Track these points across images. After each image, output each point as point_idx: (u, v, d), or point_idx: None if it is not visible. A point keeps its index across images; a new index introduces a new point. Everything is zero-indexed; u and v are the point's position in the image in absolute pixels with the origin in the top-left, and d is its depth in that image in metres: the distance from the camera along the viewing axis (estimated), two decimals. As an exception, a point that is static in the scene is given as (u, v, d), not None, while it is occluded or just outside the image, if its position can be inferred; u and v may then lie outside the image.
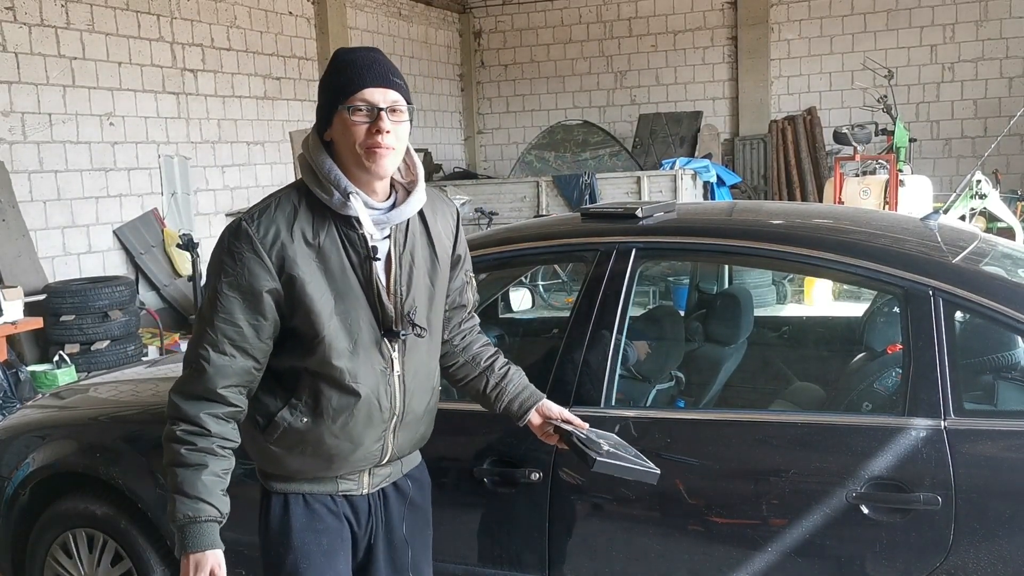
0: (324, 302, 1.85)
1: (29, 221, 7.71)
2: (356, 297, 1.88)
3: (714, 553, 2.30)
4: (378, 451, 1.98)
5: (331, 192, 1.84)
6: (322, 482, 1.99)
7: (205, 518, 1.82)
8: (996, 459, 2.13)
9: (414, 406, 2.01)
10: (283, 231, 1.83)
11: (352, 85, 1.81)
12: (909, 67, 11.98)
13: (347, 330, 1.87)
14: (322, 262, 1.85)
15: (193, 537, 1.81)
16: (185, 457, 1.82)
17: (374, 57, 1.86)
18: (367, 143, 1.80)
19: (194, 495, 1.81)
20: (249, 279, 1.81)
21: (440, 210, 2.06)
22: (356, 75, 1.82)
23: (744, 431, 2.35)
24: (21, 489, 3.06)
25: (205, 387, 1.83)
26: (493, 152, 14.73)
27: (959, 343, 2.26)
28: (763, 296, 8.19)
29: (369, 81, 1.81)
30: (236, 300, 1.82)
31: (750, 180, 12.64)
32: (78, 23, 8.16)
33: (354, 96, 1.81)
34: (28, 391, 6.29)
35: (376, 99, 1.81)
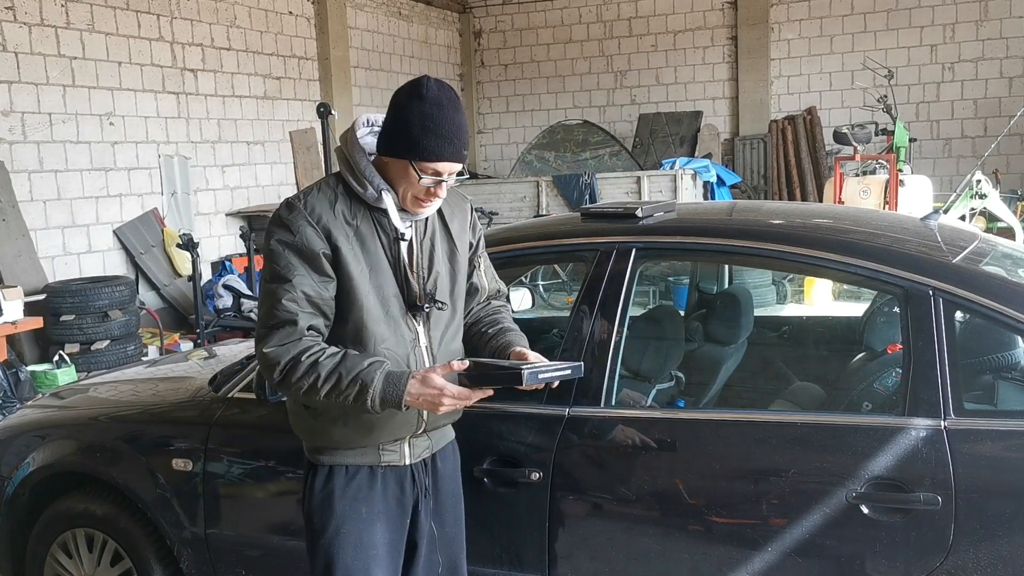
0: (361, 272, 2.06)
1: (29, 221, 7.71)
2: (386, 272, 2.09)
3: (714, 553, 2.30)
4: (413, 419, 2.14)
5: (366, 187, 2.07)
6: (365, 452, 2.14)
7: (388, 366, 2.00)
8: (996, 459, 2.13)
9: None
10: (327, 209, 2.05)
11: (433, 154, 1.99)
12: (909, 67, 11.98)
13: (380, 300, 2.08)
14: (359, 239, 2.07)
15: (397, 377, 1.97)
16: (329, 361, 1.98)
17: (459, 125, 2.02)
18: (420, 199, 2.05)
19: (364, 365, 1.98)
20: (307, 243, 2.01)
21: (456, 204, 2.28)
22: (441, 146, 1.99)
23: (744, 431, 2.35)
24: (21, 489, 3.07)
25: (297, 331, 2.00)
26: (493, 152, 14.73)
27: (959, 343, 2.26)
28: (763, 296, 8.19)
29: (448, 156, 2.00)
30: (301, 263, 2.01)
31: (750, 180, 12.64)
32: (78, 23, 8.16)
33: (430, 164, 2.00)
34: (28, 391, 6.29)
35: (445, 171, 2.02)
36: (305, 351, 1.99)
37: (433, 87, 2.02)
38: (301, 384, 1.99)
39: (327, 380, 1.97)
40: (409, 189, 2.05)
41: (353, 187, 2.08)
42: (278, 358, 2.00)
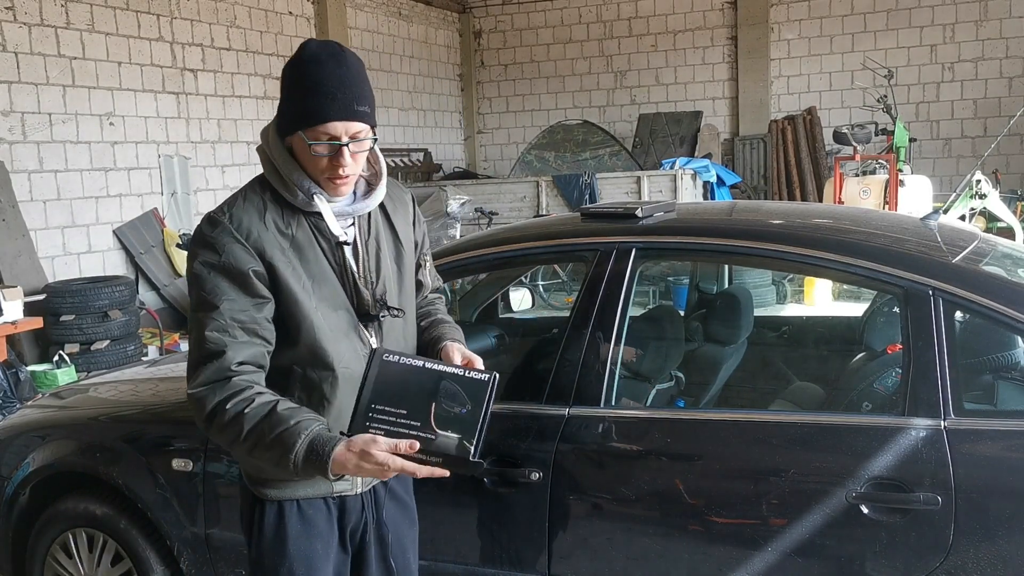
0: (304, 288, 1.85)
1: (29, 221, 7.71)
2: (332, 283, 1.89)
3: (714, 553, 2.30)
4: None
5: (295, 192, 1.86)
6: (316, 484, 1.93)
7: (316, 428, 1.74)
8: (996, 459, 2.13)
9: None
10: (256, 221, 1.84)
11: (315, 116, 1.77)
12: (909, 67, 11.98)
13: (329, 314, 1.88)
14: (297, 251, 1.86)
15: (322, 445, 1.71)
16: (254, 413, 1.75)
17: (342, 79, 1.79)
18: (330, 178, 1.83)
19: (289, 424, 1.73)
20: (233, 262, 1.80)
21: (397, 197, 2.08)
22: (321, 104, 1.77)
23: (744, 431, 2.35)
24: (21, 489, 3.07)
25: (225, 367, 1.78)
26: (493, 152, 14.73)
27: (959, 343, 2.26)
28: (763, 296, 8.19)
29: (334, 114, 1.77)
30: (229, 285, 1.80)
31: (750, 180, 12.65)
32: (78, 23, 8.16)
33: (316, 128, 1.78)
34: (28, 391, 6.29)
35: (339, 133, 1.79)
36: (231, 397, 1.76)
37: (312, 46, 1.83)
38: (224, 434, 1.79)
39: (249, 436, 1.75)
40: (315, 169, 1.83)
41: (281, 192, 1.87)
42: (204, 401, 1.78)
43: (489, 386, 1.69)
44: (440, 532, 2.51)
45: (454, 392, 1.68)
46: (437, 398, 1.67)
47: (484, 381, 1.70)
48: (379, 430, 1.67)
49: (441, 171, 13.45)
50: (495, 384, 1.70)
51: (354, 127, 1.80)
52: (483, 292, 3.97)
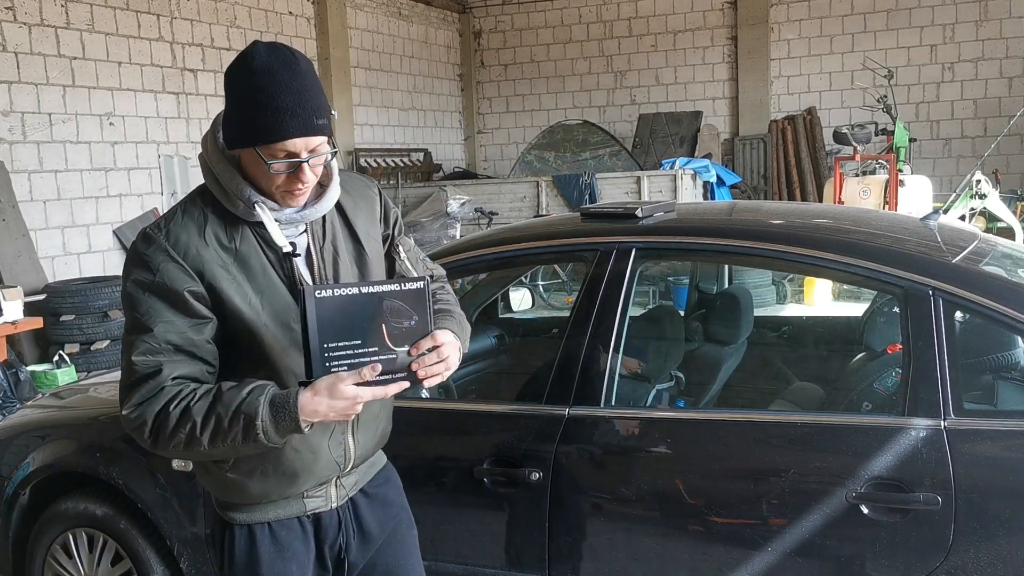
0: (252, 304, 1.73)
1: (29, 221, 7.71)
2: (282, 296, 1.76)
3: (714, 553, 2.30)
4: (340, 457, 1.86)
5: (235, 203, 1.73)
6: (288, 504, 1.85)
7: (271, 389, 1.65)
8: (996, 459, 2.13)
9: (371, 407, 1.82)
10: (195, 237, 1.71)
11: (272, 133, 1.63)
12: (909, 67, 11.98)
13: (282, 330, 1.75)
14: (242, 265, 1.74)
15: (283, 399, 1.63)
16: (201, 405, 1.65)
17: (300, 91, 1.65)
18: (283, 188, 1.70)
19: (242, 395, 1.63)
20: (168, 282, 1.68)
21: (358, 193, 1.93)
22: (279, 121, 1.63)
23: (744, 431, 2.35)
24: (21, 489, 3.07)
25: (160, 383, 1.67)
26: (493, 152, 14.73)
27: (959, 343, 2.26)
28: (763, 296, 8.19)
29: (293, 131, 1.64)
30: (163, 306, 1.68)
31: (750, 180, 12.65)
32: (78, 23, 8.16)
33: (273, 146, 1.64)
34: (28, 391, 6.29)
35: (298, 150, 1.66)
36: (172, 400, 1.65)
37: (261, 53, 1.66)
38: (177, 438, 1.64)
39: (205, 425, 1.63)
40: (271, 185, 1.70)
41: (223, 202, 1.74)
42: (142, 417, 1.65)
43: (426, 291, 1.67)
44: (440, 532, 2.51)
45: (398, 308, 1.64)
46: (384, 318, 1.63)
47: (420, 289, 1.66)
48: (341, 367, 1.60)
49: (441, 171, 13.45)
50: (429, 286, 1.69)
51: (314, 142, 1.67)
52: (483, 292, 3.97)
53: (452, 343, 1.71)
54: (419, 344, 1.65)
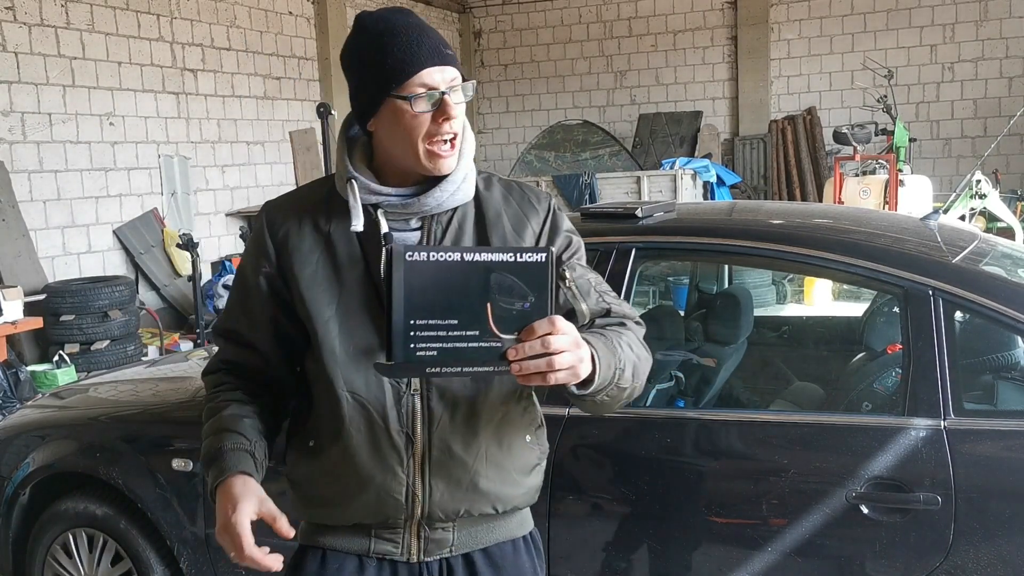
0: (321, 295, 1.56)
1: (29, 221, 7.71)
2: (364, 294, 1.55)
3: (714, 553, 2.30)
4: (400, 494, 1.55)
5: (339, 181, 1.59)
6: (349, 536, 1.62)
7: (230, 446, 1.52)
8: (996, 459, 2.13)
9: (449, 442, 1.55)
10: (296, 216, 1.61)
11: (406, 68, 1.47)
12: (909, 67, 11.98)
13: (348, 330, 1.55)
14: (329, 252, 1.58)
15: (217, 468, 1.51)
16: (209, 408, 1.61)
17: (420, 27, 1.53)
18: (433, 138, 1.50)
19: (216, 430, 1.55)
20: (253, 263, 1.63)
21: (514, 202, 1.64)
22: (408, 53, 1.48)
23: (744, 431, 2.35)
24: (21, 489, 3.07)
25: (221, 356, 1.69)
26: (493, 152, 14.73)
27: (959, 343, 2.26)
28: (763, 296, 8.19)
29: (426, 59, 1.49)
30: (241, 285, 1.65)
31: (750, 180, 12.65)
32: (78, 23, 8.16)
33: (411, 81, 1.48)
34: (28, 391, 6.29)
35: (436, 81, 1.49)
36: (215, 380, 1.67)
37: (372, 14, 1.56)
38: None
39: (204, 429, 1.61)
40: (417, 137, 1.50)
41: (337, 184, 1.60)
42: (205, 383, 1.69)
43: (548, 267, 1.34)
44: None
45: (510, 285, 1.32)
46: (491, 296, 1.32)
47: (541, 263, 1.33)
48: (429, 351, 1.32)
49: (441, 171, 13.43)
50: (553, 260, 1.35)
51: (450, 72, 1.52)
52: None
53: (570, 338, 1.31)
54: (532, 328, 1.30)
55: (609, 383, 1.42)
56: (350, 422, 1.55)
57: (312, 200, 1.63)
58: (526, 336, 1.29)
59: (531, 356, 1.29)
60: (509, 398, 1.60)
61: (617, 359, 1.44)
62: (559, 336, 1.29)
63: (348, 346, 1.55)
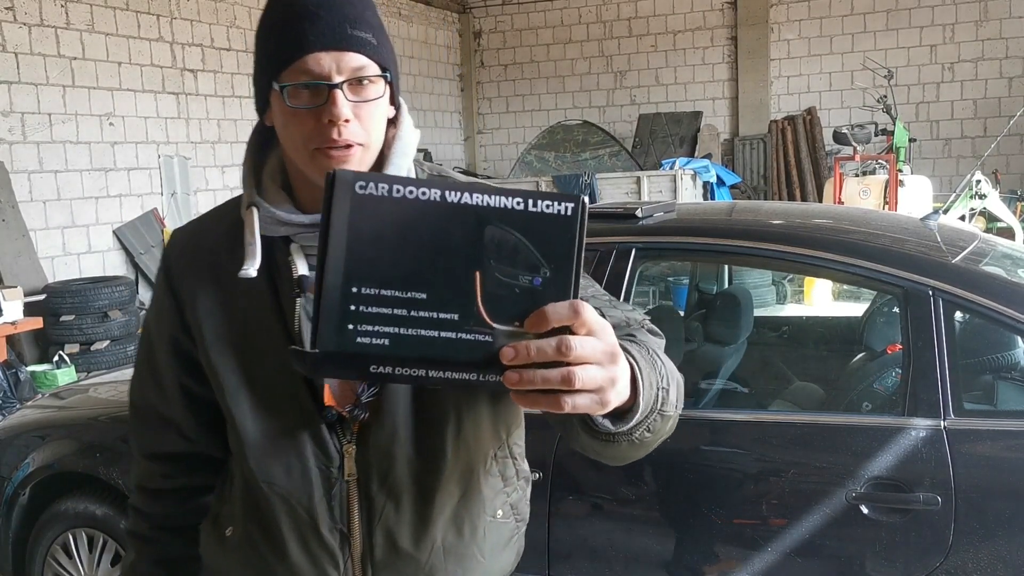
0: (226, 361, 1.23)
1: (29, 221, 7.71)
2: (280, 360, 1.18)
3: (714, 553, 2.30)
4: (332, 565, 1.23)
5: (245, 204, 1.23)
6: None
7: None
8: (996, 459, 2.13)
9: (395, 537, 1.22)
10: (199, 254, 1.27)
11: (288, 50, 1.13)
12: (909, 67, 11.98)
13: (259, 406, 1.22)
14: (233, 304, 1.23)
15: None
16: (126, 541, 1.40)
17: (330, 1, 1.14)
18: (315, 141, 1.13)
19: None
20: (155, 316, 1.32)
21: None
22: (296, 32, 1.12)
23: (744, 431, 2.35)
24: (21, 489, 3.07)
25: (138, 444, 1.41)
26: (493, 152, 14.72)
27: (959, 343, 2.26)
28: (763, 296, 8.19)
29: (316, 40, 1.12)
30: (146, 346, 1.35)
31: (750, 180, 12.65)
32: (78, 23, 8.16)
33: (292, 68, 1.13)
34: (28, 391, 6.29)
35: (324, 68, 1.12)
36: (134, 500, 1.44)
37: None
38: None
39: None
40: (299, 140, 1.14)
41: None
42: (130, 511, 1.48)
43: (576, 223, 0.86)
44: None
45: (514, 246, 0.84)
46: (483, 261, 0.84)
47: (567, 216, 0.85)
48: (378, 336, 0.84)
49: (441, 171, 13.44)
50: (586, 215, 0.86)
51: (350, 60, 1.12)
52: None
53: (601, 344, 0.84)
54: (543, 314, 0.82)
55: (651, 412, 0.98)
56: (272, 517, 1.24)
57: (216, 233, 1.27)
58: (533, 326, 0.83)
59: (538, 363, 0.82)
60: (477, 460, 1.25)
61: (658, 374, 1.00)
62: (585, 339, 0.82)
63: (262, 426, 1.22)
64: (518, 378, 0.82)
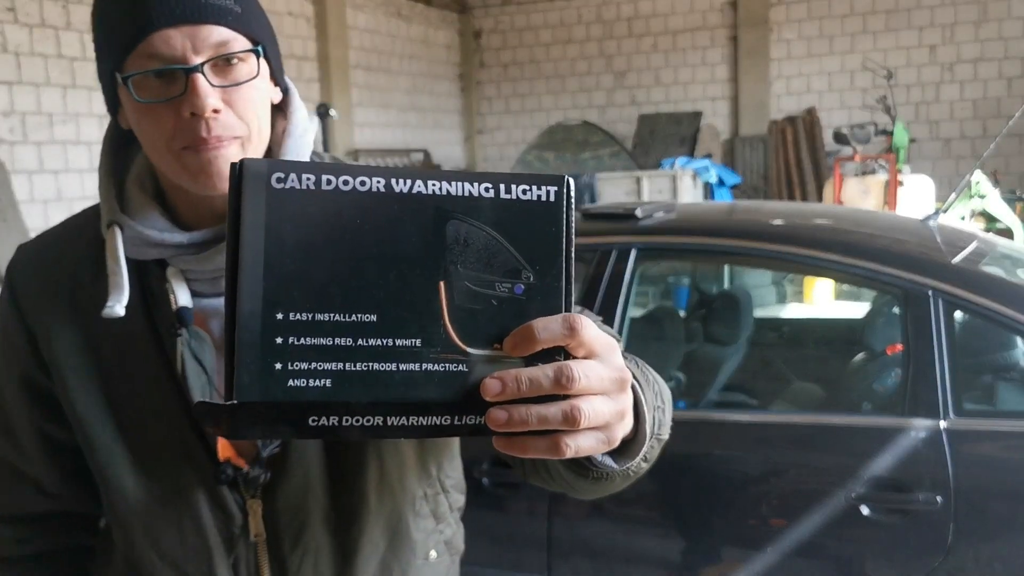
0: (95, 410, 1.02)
1: (29, 221, 7.71)
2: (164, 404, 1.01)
3: (714, 553, 2.31)
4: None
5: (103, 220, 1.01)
6: None
7: None
8: (995, 459, 2.13)
9: None
10: (51, 278, 1.05)
11: (127, 31, 0.90)
12: (908, 67, 11.99)
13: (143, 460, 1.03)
14: (97, 342, 1.02)
15: None
16: None
17: None
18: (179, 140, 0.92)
19: None
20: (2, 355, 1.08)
21: None
22: (134, 9, 0.90)
23: (744, 432, 2.35)
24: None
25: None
26: (493, 152, 14.73)
27: (959, 343, 2.27)
28: (763, 296, 8.19)
29: (157, 15, 0.89)
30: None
31: (750, 180, 12.65)
32: (78, 24, 8.16)
33: (136, 52, 0.90)
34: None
35: (177, 49, 0.90)
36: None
37: None
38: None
39: None
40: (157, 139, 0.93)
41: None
42: None
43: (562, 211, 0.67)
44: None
45: (485, 245, 0.66)
46: (447, 266, 0.65)
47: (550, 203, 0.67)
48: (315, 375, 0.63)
49: (441, 171, 13.44)
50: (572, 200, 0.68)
51: (210, 34, 0.90)
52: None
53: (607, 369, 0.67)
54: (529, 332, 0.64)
55: (650, 437, 0.86)
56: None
57: (73, 252, 1.05)
58: (518, 349, 0.64)
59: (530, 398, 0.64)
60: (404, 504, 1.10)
61: (653, 392, 0.90)
62: (589, 365, 0.65)
63: (145, 486, 1.03)
64: (506, 418, 0.64)
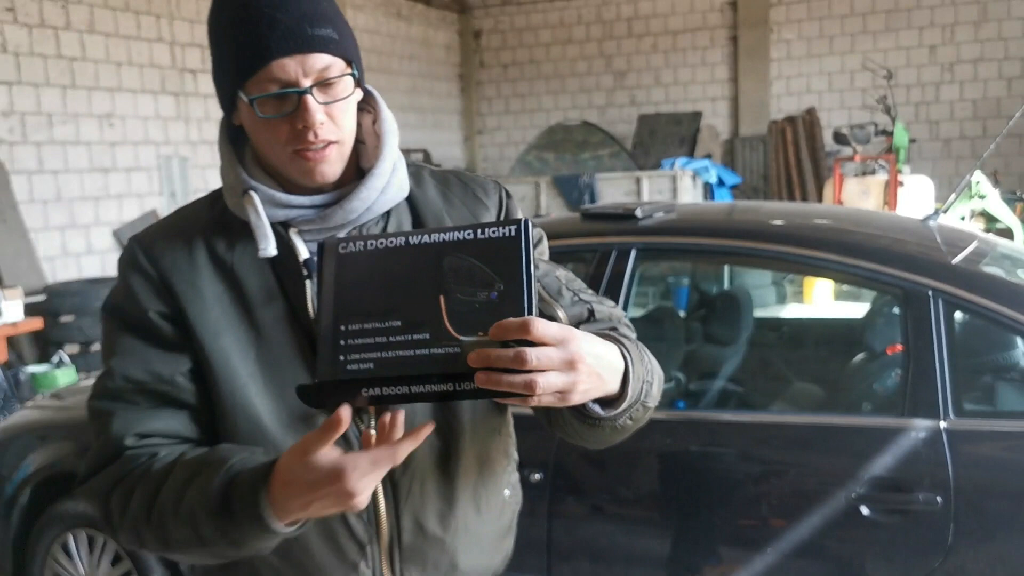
0: (233, 349, 1.18)
1: (29, 221, 7.71)
2: (290, 341, 1.20)
3: (714, 553, 2.30)
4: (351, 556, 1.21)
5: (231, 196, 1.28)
6: None
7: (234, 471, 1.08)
8: (995, 460, 2.13)
9: (421, 520, 1.23)
10: (177, 242, 1.24)
11: (250, 59, 1.13)
12: (908, 67, 11.99)
13: (275, 391, 1.19)
14: (235, 290, 1.21)
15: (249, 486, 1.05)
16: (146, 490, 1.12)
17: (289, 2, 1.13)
18: (292, 144, 1.17)
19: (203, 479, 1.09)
20: (131, 299, 1.21)
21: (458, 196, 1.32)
22: (256, 38, 1.12)
23: (744, 432, 2.35)
24: (21, 489, 3.07)
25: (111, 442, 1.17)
26: (493, 152, 14.72)
27: (959, 343, 2.27)
28: (763, 296, 8.19)
29: (277, 46, 1.12)
30: (124, 332, 1.21)
31: (750, 180, 12.65)
32: (78, 24, 8.16)
33: (258, 76, 1.14)
34: (28, 391, 6.29)
35: (291, 74, 1.13)
36: (123, 477, 1.14)
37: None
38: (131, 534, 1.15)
39: (148, 522, 1.11)
40: (275, 144, 1.19)
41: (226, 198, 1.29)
42: (94, 493, 1.17)
43: (521, 242, 1.01)
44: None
45: (468, 269, 1.02)
46: (445, 286, 1.01)
47: (511, 237, 1.02)
48: (363, 361, 1.00)
49: (441, 171, 13.44)
50: (529, 233, 1.02)
51: (315, 62, 1.14)
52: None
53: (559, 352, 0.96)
54: (502, 325, 0.95)
55: (636, 402, 1.15)
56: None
57: (199, 225, 1.27)
58: (496, 335, 0.95)
59: (505, 369, 0.94)
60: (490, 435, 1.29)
61: (645, 369, 1.18)
62: (542, 350, 0.94)
63: (279, 412, 1.18)
64: (485, 378, 0.95)
